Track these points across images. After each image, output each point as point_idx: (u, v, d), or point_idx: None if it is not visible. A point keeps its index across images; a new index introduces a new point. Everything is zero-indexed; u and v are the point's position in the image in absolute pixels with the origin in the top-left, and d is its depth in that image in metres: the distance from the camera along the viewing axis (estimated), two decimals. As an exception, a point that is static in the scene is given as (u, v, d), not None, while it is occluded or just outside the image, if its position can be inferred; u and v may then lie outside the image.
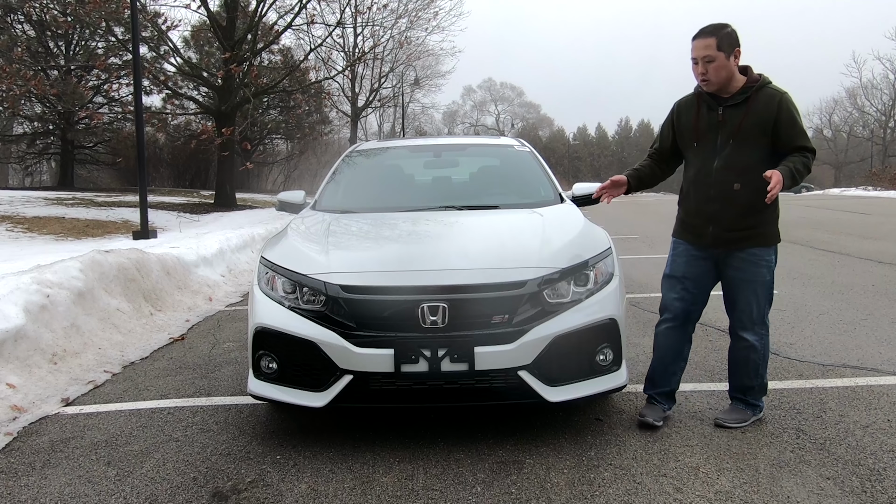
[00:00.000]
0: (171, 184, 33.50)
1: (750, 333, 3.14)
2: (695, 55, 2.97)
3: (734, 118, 3.00)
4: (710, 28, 2.96)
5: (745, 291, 3.10)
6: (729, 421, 3.16)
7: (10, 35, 20.55)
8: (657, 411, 3.20)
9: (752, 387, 3.20)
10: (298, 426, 3.30)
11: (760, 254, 3.07)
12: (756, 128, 2.97)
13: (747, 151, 2.99)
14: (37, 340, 4.26)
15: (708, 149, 3.07)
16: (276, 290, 3.12)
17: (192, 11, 17.91)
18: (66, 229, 12.49)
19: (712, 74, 2.95)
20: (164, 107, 21.86)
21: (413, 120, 49.27)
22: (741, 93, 3.00)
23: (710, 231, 3.08)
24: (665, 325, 3.26)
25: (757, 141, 2.98)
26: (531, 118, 78.21)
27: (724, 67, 2.94)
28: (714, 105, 3.05)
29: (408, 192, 4.69)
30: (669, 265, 3.28)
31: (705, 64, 2.94)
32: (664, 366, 3.26)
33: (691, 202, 3.18)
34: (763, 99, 2.97)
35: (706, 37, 2.94)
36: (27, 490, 2.71)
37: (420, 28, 28.66)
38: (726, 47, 2.92)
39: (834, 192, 40.96)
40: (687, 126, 3.16)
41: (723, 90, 3.02)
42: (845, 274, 7.58)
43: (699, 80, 3.03)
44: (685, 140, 3.19)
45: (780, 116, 2.94)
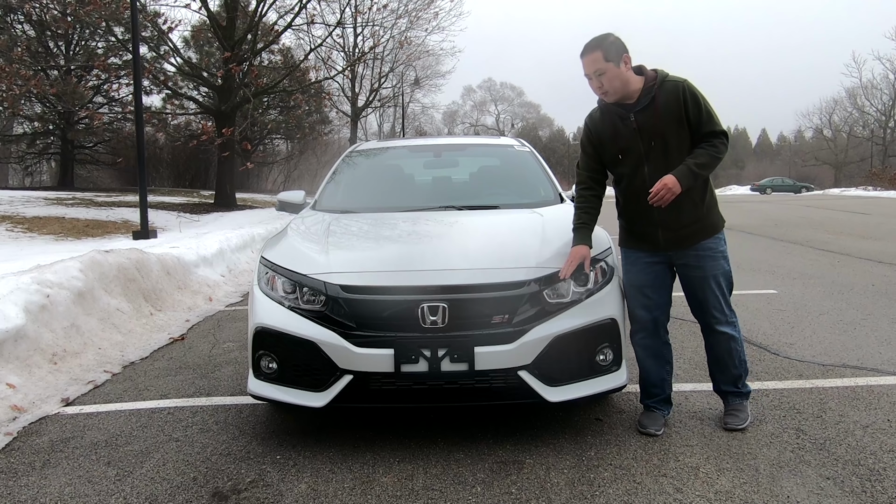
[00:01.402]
0: (171, 184, 33.49)
1: (725, 325, 3.14)
2: (586, 72, 2.97)
3: (648, 121, 2.99)
4: (593, 42, 2.96)
5: (710, 287, 3.09)
6: (737, 423, 3.14)
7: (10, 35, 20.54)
8: (656, 419, 3.18)
9: (741, 375, 3.21)
10: (298, 426, 3.30)
11: (713, 245, 3.08)
12: (672, 123, 2.96)
13: (672, 149, 2.98)
14: (37, 340, 4.26)
15: (634, 158, 3.05)
16: (276, 289, 3.12)
17: (192, 11, 17.93)
18: (66, 229, 12.49)
19: (608, 86, 2.95)
20: (164, 107, 21.88)
21: (413, 120, 49.31)
22: (646, 94, 2.99)
23: (660, 235, 3.08)
24: (638, 335, 3.23)
25: (677, 136, 2.98)
26: (531, 118, 78.26)
27: (616, 77, 2.94)
28: (624, 114, 3.03)
29: (408, 192, 4.69)
30: (626, 275, 3.23)
31: (598, 78, 2.95)
32: (651, 374, 3.23)
33: (634, 212, 3.14)
34: (667, 93, 2.97)
35: (591, 51, 2.94)
36: (27, 490, 2.71)
37: (420, 28, 28.68)
38: (614, 56, 2.92)
39: (834, 192, 40.99)
40: (608, 141, 3.12)
41: (625, 97, 3.00)
42: (845, 274, 7.58)
43: (598, 94, 3.03)
44: (609, 156, 3.15)
45: (687, 105, 2.94)
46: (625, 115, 3.03)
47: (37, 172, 38.93)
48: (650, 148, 3.00)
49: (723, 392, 3.29)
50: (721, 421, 3.24)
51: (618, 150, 3.09)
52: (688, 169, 2.90)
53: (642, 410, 3.29)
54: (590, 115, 3.20)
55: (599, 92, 3.01)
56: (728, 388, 3.25)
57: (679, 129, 2.98)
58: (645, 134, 3.00)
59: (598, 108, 3.16)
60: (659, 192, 2.87)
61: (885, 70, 55.52)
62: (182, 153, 31.38)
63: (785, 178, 49.58)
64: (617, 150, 3.10)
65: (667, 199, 2.88)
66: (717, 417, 3.29)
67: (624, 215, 3.23)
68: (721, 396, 3.32)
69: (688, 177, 2.89)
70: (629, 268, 3.21)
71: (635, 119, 3.01)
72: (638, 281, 3.17)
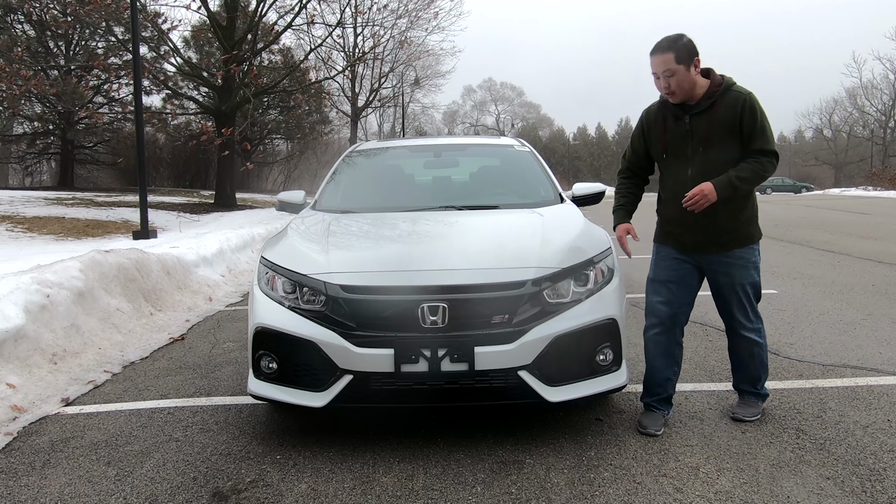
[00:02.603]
0: (171, 184, 33.50)
1: (750, 331, 3.19)
2: (655, 70, 2.99)
3: (701, 125, 3.02)
4: (666, 42, 2.98)
5: (736, 294, 3.14)
6: (747, 415, 3.22)
7: (10, 35, 20.55)
8: (656, 419, 3.18)
9: (760, 376, 3.27)
10: (298, 426, 3.30)
11: (745, 255, 3.11)
12: (724, 132, 2.99)
13: (719, 156, 3.00)
14: (37, 340, 4.26)
15: (679, 158, 3.09)
16: (276, 290, 3.12)
17: (192, 11, 17.92)
18: (66, 229, 12.49)
19: (675, 87, 2.97)
20: (164, 107, 21.89)
21: (413, 120, 49.31)
22: (706, 98, 3.01)
23: (690, 238, 3.12)
24: (653, 330, 3.25)
25: (726, 144, 3.00)
26: (531, 118, 78.23)
27: (685, 79, 2.96)
28: (680, 114, 3.06)
29: (408, 192, 4.69)
30: (653, 270, 3.28)
31: (667, 78, 2.97)
32: (658, 372, 3.24)
33: (669, 211, 3.19)
34: (728, 102, 2.99)
35: (664, 52, 2.96)
36: (27, 490, 2.71)
37: (420, 28, 28.69)
38: (685, 59, 2.94)
39: (834, 192, 40.98)
40: (656, 138, 3.18)
41: (689, 99, 3.03)
42: (845, 274, 7.58)
43: (664, 93, 3.05)
44: (656, 151, 3.21)
45: (744, 117, 2.96)
46: (680, 115, 3.06)
47: (37, 172, 38.94)
48: (697, 151, 3.04)
49: (740, 390, 3.34)
50: (730, 411, 3.29)
51: (665, 147, 3.14)
52: (728, 180, 2.94)
53: (642, 410, 3.30)
54: (647, 109, 3.25)
55: (665, 92, 3.02)
56: (745, 388, 3.30)
57: (729, 139, 3.00)
58: (696, 137, 3.03)
59: (656, 102, 3.19)
60: (694, 197, 2.93)
61: (885, 70, 55.57)
62: (182, 153, 31.41)
63: (785, 178, 49.56)
64: (664, 147, 3.14)
65: (701, 205, 2.93)
66: (718, 417, 3.29)
67: (661, 213, 3.28)
68: (738, 393, 3.36)
69: (727, 188, 2.93)
70: (658, 262, 3.26)
71: (690, 121, 3.04)
72: (663, 276, 3.21)
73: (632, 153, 3.33)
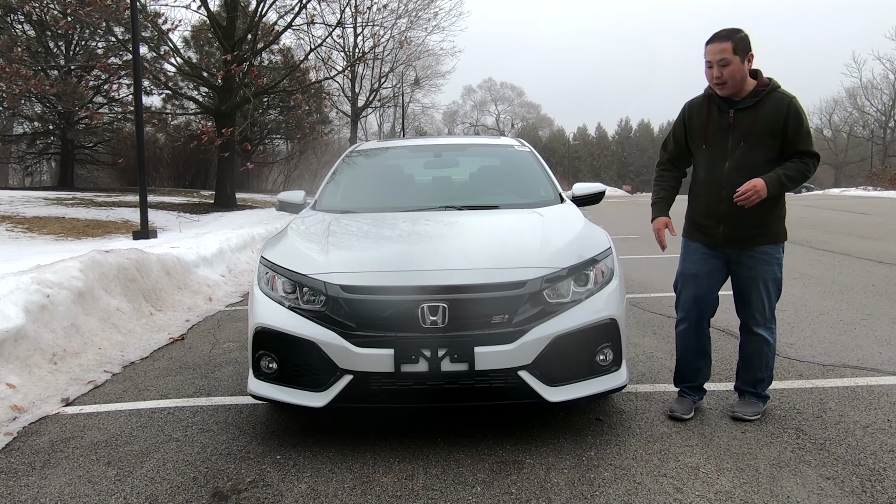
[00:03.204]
0: (171, 184, 33.49)
1: (763, 329, 3.25)
2: (710, 58, 3.03)
3: (745, 121, 3.07)
4: (725, 32, 3.03)
5: (758, 289, 3.19)
6: (747, 414, 3.25)
7: (10, 35, 20.54)
8: (686, 404, 3.31)
9: (763, 379, 3.31)
10: (298, 426, 3.30)
11: (771, 251, 3.18)
12: (766, 131, 3.06)
13: (757, 153, 3.07)
14: (37, 340, 4.26)
15: (718, 151, 3.14)
16: (276, 290, 3.12)
17: (192, 11, 17.92)
18: (66, 229, 12.49)
19: (728, 77, 3.01)
20: (164, 107, 21.89)
21: (413, 120, 49.31)
22: (752, 96, 3.07)
23: (721, 231, 3.17)
24: (683, 324, 3.34)
25: (766, 143, 3.07)
26: (531, 118, 78.26)
27: (738, 71, 3.01)
28: (725, 108, 3.12)
29: (408, 192, 4.68)
30: (681, 264, 3.36)
31: (720, 67, 3.00)
32: (688, 363, 3.36)
33: (702, 202, 3.24)
34: (773, 103, 3.05)
35: (722, 41, 3.00)
36: (27, 490, 2.71)
37: (420, 28, 28.71)
38: (741, 51, 2.99)
39: (834, 192, 40.96)
40: (698, 128, 3.22)
41: (735, 93, 3.08)
42: (845, 274, 7.58)
43: (714, 82, 3.07)
44: (696, 141, 3.25)
45: (789, 120, 3.03)
46: (725, 109, 3.11)
47: (37, 172, 38.94)
48: (737, 146, 3.09)
49: (741, 391, 3.37)
50: (730, 410, 3.33)
51: (706, 140, 3.17)
52: (778, 178, 3.01)
53: (676, 396, 3.41)
54: (690, 101, 3.28)
55: (716, 81, 3.05)
56: (747, 389, 3.33)
57: (770, 139, 3.06)
58: (737, 132, 3.09)
59: (702, 95, 3.22)
60: (746, 193, 2.97)
61: (885, 70, 55.56)
62: (182, 153, 31.39)
63: (785, 178, 49.44)
64: (705, 139, 3.18)
65: (753, 200, 2.98)
66: (718, 417, 3.29)
67: (693, 205, 3.31)
68: (739, 394, 3.40)
69: (776, 185, 3.00)
70: (687, 257, 3.32)
71: (734, 115, 3.09)
72: (693, 270, 3.27)
73: (673, 144, 3.37)
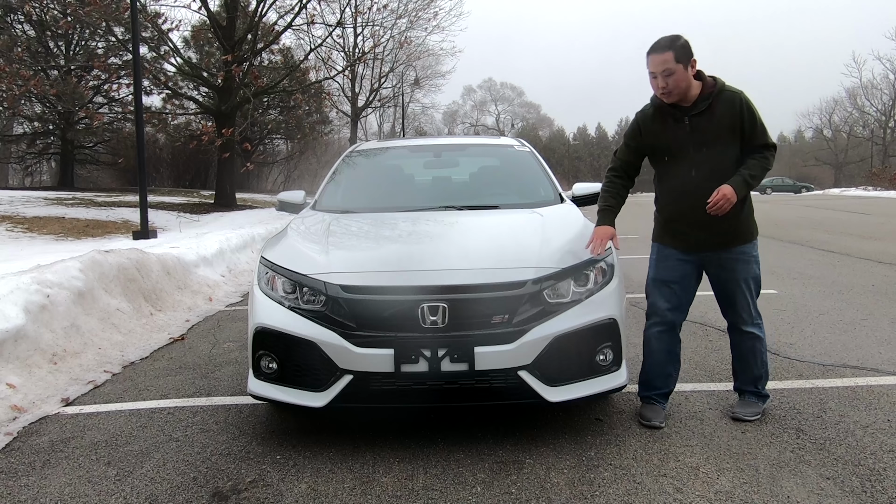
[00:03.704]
0: (171, 184, 33.51)
1: (752, 326, 3.25)
2: (653, 69, 3.00)
3: (702, 126, 3.06)
4: (665, 42, 3.00)
5: (740, 289, 3.19)
6: (747, 414, 3.25)
7: (10, 35, 20.55)
8: (658, 412, 3.24)
9: (761, 376, 3.31)
10: (298, 426, 3.30)
11: (748, 250, 3.18)
12: (725, 132, 3.05)
13: (722, 156, 3.07)
14: (37, 340, 4.26)
15: (682, 160, 3.11)
16: (276, 290, 3.12)
17: (193, 12, 17.93)
18: (66, 229, 12.49)
19: (673, 87, 2.99)
20: (164, 107, 21.87)
21: (413, 120, 49.32)
22: (703, 100, 3.05)
23: (696, 237, 3.15)
24: (656, 328, 3.29)
25: (728, 144, 3.07)
26: (531, 118, 78.20)
27: (683, 79, 2.99)
28: (679, 116, 3.09)
29: (408, 192, 4.68)
30: (655, 269, 3.30)
31: (665, 77, 2.98)
32: (659, 368, 3.29)
33: (674, 211, 3.20)
34: (725, 103, 3.04)
35: (663, 51, 2.98)
36: (27, 490, 2.71)
37: (420, 28, 28.69)
38: (683, 59, 2.97)
39: (834, 192, 40.98)
40: (655, 140, 3.18)
41: (683, 100, 3.06)
42: (845, 274, 7.58)
43: (659, 93, 3.06)
44: (656, 155, 3.21)
45: (744, 117, 3.04)
46: (679, 117, 3.09)
47: (37, 172, 38.95)
48: (700, 153, 3.07)
49: (742, 391, 3.36)
50: (730, 411, 3.32)
51: (666, 150, 3.15)
52: (743, 180, 3.01)
53: (642, 403, 3.33)
54: (642, 111, 3.24)
55: (661, 91, 3.03)
56: (747, 388, 3.33)
57: (731, 138, 3.06)
58: (697, 138, 3.07)
59: (651, 105, 3.19)
60: (718, 203, 2.96)
61: (885, 70, 55.53)
62: (182, 153, 31.39)
63: (785, 178, 49.53)
64: (665, 150, 3.15)
65: (725, 208, 2.97)
66: (718, 417, 3.29)
67: (663, 213, 3.28)
68: (739, 395, 3.39)
69: (743, 187, 3.01)
70: (660, 263, 3.28)
71: (690, 123, 3.07)
72: (666, 276, 3.24)
73: (626, 153, 3.32)
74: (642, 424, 3.18)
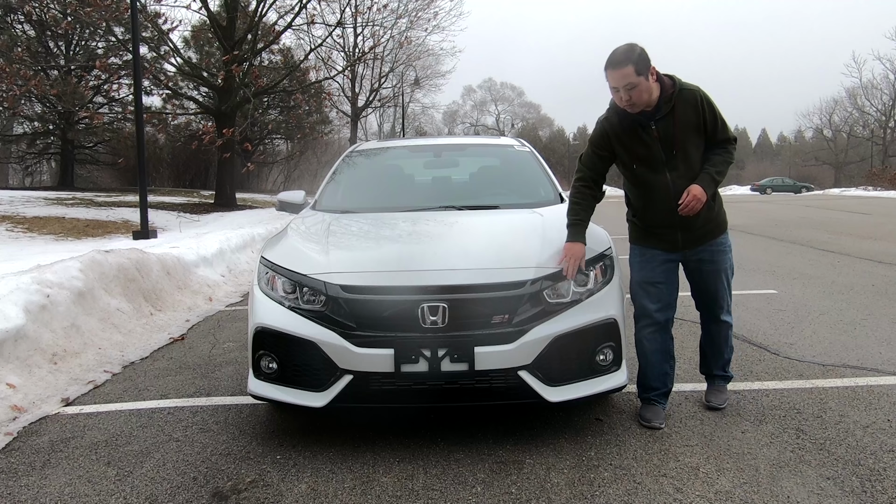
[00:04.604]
0: (171, 184, 33.50)
1: (727, 314, 3.37)
2: (615, 85, 2.95)
3: (668, 129, 3.04)
4: (622, 57, 2.91)
5: (720, 279, 3.28)
6: (719, 402, 3.40)
7: (10, 35, 20.55)
8: (658, 412, 3.24)
9: (729, 359, 3.49)
10: (298, 426, 3.30)
11: (724, 240, 3.27)
12: (691, 132, 3.07)
13: (691, 155, 3.09)
14: (37, 340, 4.26)
15: (655, 164, 3.09)
16: (276, 290, 3.12)
17: (193, 12, 17.93)
18: (66, 229, 12.49)
19: (636, 99, 2.95)
20: (164, 107, 21.85)
21: (413, 120, 49.34)
22: (665, 102, 3.02)
23: (679, 236, 3.18)
24: (648, 330, 3.27)
25: (694, 143, 3.09)
26: (531, 118, 78.23)
27: (646, 90, 2.96)
28: (644, 122, 3.05)
29: (408, 192, 4.69)
30: (640, 271, 3.27)
31: (628, 91, 2.93)
32: (656, 368, 3.30)
33: (653, 215, 3.19)
34: (686, 102, 3.04)
35: (622, 66, 2.90)
36: (27, 490, 2.71)
37: (420, 28, 28.71)
38: (644, 70, 2.92)
39: (834, 192, 40.98)
40: (624, 147, 3.14)
41: (646, 107, 3.03)
42: (845, 274, 7.58)
43: (623, 105, 3.00)
44: (625, 160, 3.17)
45: (706, 115, 3.06)
46: (645, 123, 3.06)
47: (37, 172, 38.97)
48: (672, 155, 3.07)
49: (711, 375, 3.50)
50: (703, 402, 3.45)
51: (636, 156, 3.13)
52: (710, 177, 3.07)
53: (641, 404, 3.34)
54: (606, 119, 3.19)
55: (625, 104, 2.99)
56: (718, 372, 3.47)
57: (697, 137, 3.10)
58: (666, 142, 3.06)
59: (613, 112, 3.14)
60: (689, 204, 2.99)
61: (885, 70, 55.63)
62: (182, 153, 31.40)
63: (785, 178, 49.56)
64: (636, 156, 3.13)
65: (696, 208, 3.01)
66: (718, 417, 3.29)
67: (641, 216, 3.27)
68: (707, 379, 3.53)
69: (711, 185, 3.07)
70: (643, 265, 3.26)
71: (656, 128, 3.05)
72: (652, 277, 3.24)
73: (592, 160, 3.23)
74: (642, 425, 3.19)
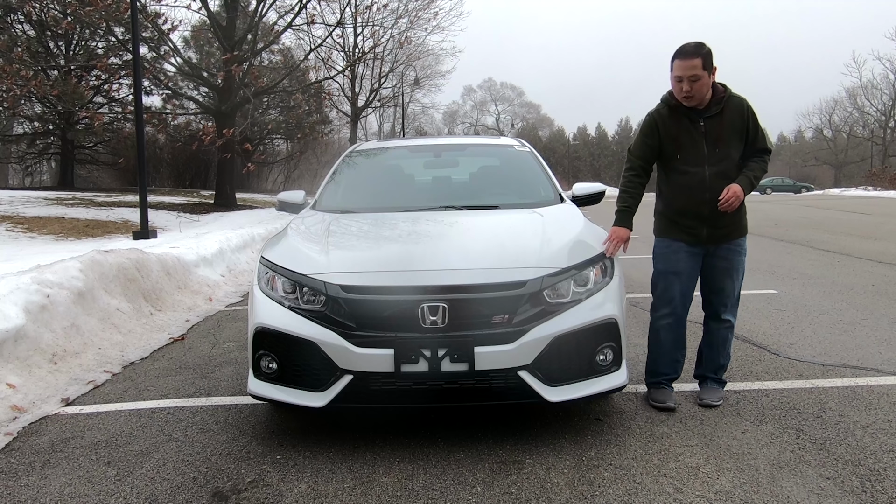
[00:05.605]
0: (171, 184, 33.48)
1: (730, 314, 3.46)
2: (681, 74, 3.18)
3: (715, 128, 3.27)
4: (693, 49, 3.17)
5: (731, 278, 3.39)
6: (714, 399, 3.44)
7: (10, 35, 20.54)
8: (668, 394, 3.43)
9: (724, 364, 3.54)
10: (298, 426, 3.30)
11: (742, 242, 3.42)
12: (734, 135, 3.29)
13: (730, 156, 3.30)
14: (37, 340, 4.26)
15: (695, 158, 3.30)
16: (276, 290, 3.12)
17: (193, 11, 17.93)
18: (66, 229, 12.49)
19: (696, 91, 3.19)
20: (164, 107, 21.84)
21: (413, 120, 49.33)
22: (715, 104, 3.26)
23: (705, 231, 3.33)
24: (666, 319, 3.44)
25: (736, 146, 3.32)
26: (531, 118, 78.19)
27: (706, 85, 3.20)
28: (695, 117, 3.29)
29: (408, 192, 4.68)
30: (664, 261, 3.44)
31: (691, 82, 3.16)
32: (668, 356, 3.46)
33: (683, 206, 3.37)
34: (733, 108, 3.27)
35: (692, 57, 3.15)
36: (27, 490, 2.71)
37: (420, 28, 28.63)
38: (709, 66, 3.18)
39: (834, 192, 40.97)
40: (672, 139, 3.34)
41: (699, 103, 3.25)
42: (845, 274, 7.58)
43: (682, 96, 3.23)
44: (668, 151, 3.37)
45: (749, 122, 3.30)
46: (695, 118, 3.29)
47: (37, 172, 38.95)
48: (714, 153, 3.27)
49: (703, 377, 3.56)
50: (696, 398, 3.50)
51: (679, 149, 3.32)
52: (749, 180, 3.28)
53: (650, 389, 3.51)
54: (657, 111, 3.40)
55: (684, 95, 3.21)
56: (709, 375, 3.53)
57: (738, 141, 3.31)
58: (710, 139, 3.28)
59: (665, 105, 3.36)
60: (729, 200, 3.19)
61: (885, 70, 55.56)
62: (182, 153, 31.38)
63: (785, 178, 49.51)
64: (679, 148, 3.32)
65: (735, 206, 3.21)
66: (718, 417, 3.29)
67: (672, 206, 3.42)
68: (699, 381, 3.59)
69: (748, 187, 3.27)
70: (669, 255, 3.43)
71: (704, 124, 3.26)
72: (677, 267, 3.39)
73: (643, 151, 3.44)
74: (655, 407, 3.36)
